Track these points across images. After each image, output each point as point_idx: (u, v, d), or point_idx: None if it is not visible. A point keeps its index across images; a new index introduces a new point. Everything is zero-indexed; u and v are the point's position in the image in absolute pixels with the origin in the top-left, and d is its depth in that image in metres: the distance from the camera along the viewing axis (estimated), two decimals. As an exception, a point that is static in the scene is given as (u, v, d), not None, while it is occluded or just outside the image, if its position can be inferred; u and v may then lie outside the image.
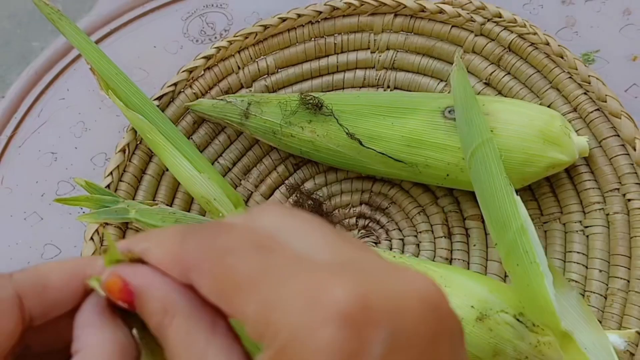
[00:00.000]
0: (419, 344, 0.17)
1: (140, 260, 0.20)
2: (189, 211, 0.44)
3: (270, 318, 0.17)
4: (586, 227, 0.41)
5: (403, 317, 0.17)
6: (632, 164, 0.40)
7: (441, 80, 0.45)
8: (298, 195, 0.45)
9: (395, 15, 0.45)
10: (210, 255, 0.19)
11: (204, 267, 0.19)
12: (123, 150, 0.42)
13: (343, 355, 0.16)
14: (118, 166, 0.42)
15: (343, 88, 0.46)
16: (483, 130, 0.36)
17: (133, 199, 0.43)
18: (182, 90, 0.44)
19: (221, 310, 0.19)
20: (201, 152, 0.45)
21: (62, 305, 0.21)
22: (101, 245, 0.40)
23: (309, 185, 0.45)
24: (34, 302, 0.20)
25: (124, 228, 0.42)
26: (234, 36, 0.45)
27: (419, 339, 0.17)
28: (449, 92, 0.44)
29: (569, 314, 0.35)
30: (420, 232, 0.43)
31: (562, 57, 0.41)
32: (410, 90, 0.46)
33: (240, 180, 0.45)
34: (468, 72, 0.44)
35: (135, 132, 0.43)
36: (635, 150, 0.39)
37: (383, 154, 0.40)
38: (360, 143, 0.41)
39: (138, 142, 0.43)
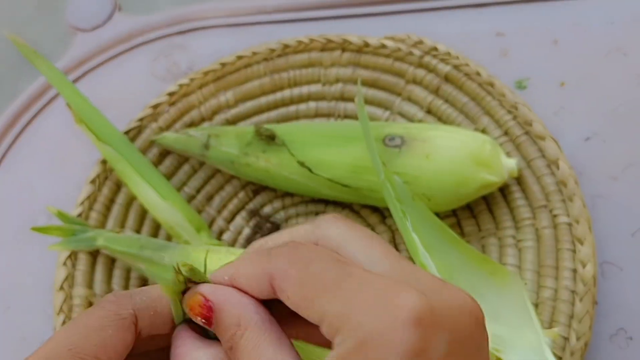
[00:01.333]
0: (470, 349, 0.21)
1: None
2: (156, 236, 0.47)
3: (351, 315, 0.20)
4: (519, 240, 0.44)
5: (458, 324, 0.21)
6: (557, 183, 0.43)
7: (386, 109, 0.49)
8: (257, 219, 0.48)
9: (343, 51, 0.49)
10: (296, 264, 0.22)
11: (291, 273, 0.22)
12: (93, 182, 0.46)
13: (415, 351, 0.19)
14: (89, 196, 0.46)
15: (298, 118, 0.50)
16: (379, 167, 0.39)
17: (104, 227, 0.47)
18: (148, 124, 0.48)
19: (288, 329, 0.23)
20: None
21: (165, 326, 0.25)
22: (73, 268, 0.44)
23: (267, 209, 0.48)
24: (145, 321, 0.24)
25: (96, 254, 0.45)
26: (195, 73, 0.49)
27: (469, 344, 0.21)
28: (393, 120, 0.48)
29: (506, 314, 0.38)
30: (369, 250, 0.47)
31: (491, 86, 0.45)
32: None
33: (204, 206, 0.49)
34: (411, 101, 0.48)
35: (105, 164, 0.47)
36: (558, 169, 0.43)
37: (331, 180, 0.44)
38: (310, 170, 0.44)
39: (108, 174, 0.47)
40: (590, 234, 0.42)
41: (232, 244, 0.48)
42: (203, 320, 0.23)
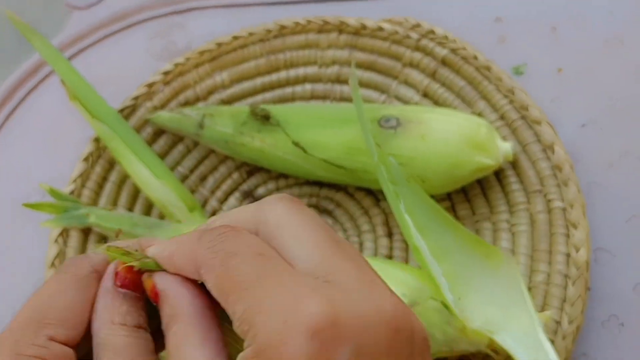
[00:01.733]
0: None
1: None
2: (149, 215, 0.47)
3: (254, 320, 0.19)
4: (512, 225, 0.44)
5: (367, 336, 0.19)
6: (552, 167, 0.43)
7: (382, 92, 0.48)
8: (251, 200, 0.48)
9: (339, 33, 0.48)
10: (219, 256, 0.21)
11: (213, 264, 0.21)
12: (86, 159, 0.46)
13: None
14: (82, 174, 0.45)
15: (293, 100, 0.50)
16: (373, 148, 0.39)
17: (96, 205, 0.46)
18: (143, 103, 0.48)
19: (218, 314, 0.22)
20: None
21: None
22: (64, 245, 0.44)
23: (261, 190, 0.48)
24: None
25: (87, 232, 0.45)
26: (191, 53, 0.48)
27: (380, 357, 0.19)
28: (389, 103, 0.48)
29: (499, 296, 0.38)
30: (363, 231, 0.46)
31: (488, 70, 0.45)
32: (355, 102, 0.49)
33: (198, 186, 0.48)
34: (407, 84, 0.48)
35: (98, 142, 0.46)
36: (554, 154, 0.43)
37: (325, 160, 0.44)
38: (304, 151, 0.44)
39: (101, 152, 0.47)
40: (584, 218, 0.42)
41: (225, 224, 0.47)
42: (155, 303, 0.23)
